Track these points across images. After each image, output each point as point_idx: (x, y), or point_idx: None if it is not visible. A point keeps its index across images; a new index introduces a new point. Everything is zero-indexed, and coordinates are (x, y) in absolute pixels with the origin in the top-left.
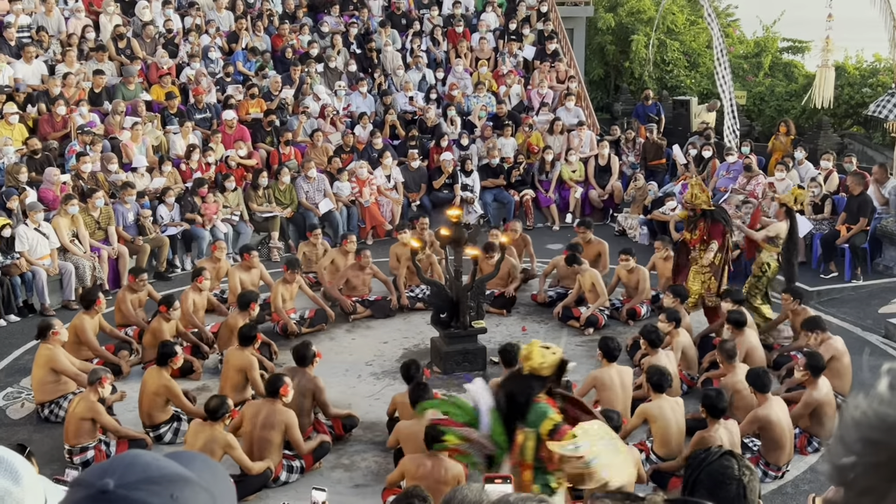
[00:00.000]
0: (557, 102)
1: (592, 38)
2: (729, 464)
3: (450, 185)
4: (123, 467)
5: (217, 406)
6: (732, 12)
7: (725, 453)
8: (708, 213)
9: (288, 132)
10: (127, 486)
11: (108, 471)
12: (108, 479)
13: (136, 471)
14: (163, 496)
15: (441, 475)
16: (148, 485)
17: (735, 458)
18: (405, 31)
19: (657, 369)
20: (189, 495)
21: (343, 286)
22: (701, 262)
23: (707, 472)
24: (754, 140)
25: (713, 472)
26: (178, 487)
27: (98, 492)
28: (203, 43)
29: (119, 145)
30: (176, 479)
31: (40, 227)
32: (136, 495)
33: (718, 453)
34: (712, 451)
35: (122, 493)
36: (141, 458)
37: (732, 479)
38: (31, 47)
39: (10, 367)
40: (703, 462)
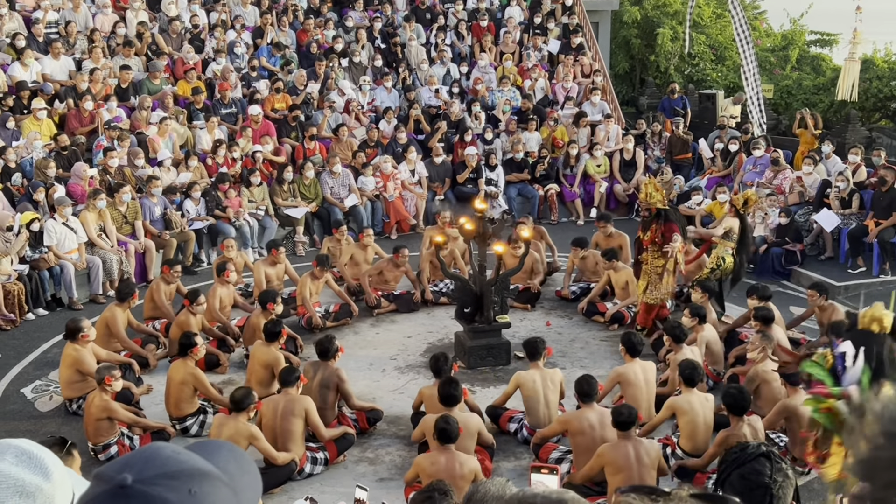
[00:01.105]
0: (582, 96)
1: (618, 32)
2: (761, 468)
3: (474, 179)
4: (142, 462)
5: (242, 397)
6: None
7: (761, 455)
8: (662, 213)
9: (313, 127)
10: (145, 480)
11: (128, 465)
12: (127, 474)
13: (154, 465)
14: (181, 491)
15: (456, 469)
16: (166, 479)
17: (770, 462)
18: (429, 25)
19: (689, 363)
20: (208, 490)
21: (374, 277)
22: (653, 262)
23: (738, 474)
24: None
25: (744, 474)
26: (197, 482)
27: (117, 486)
28: (229, 38)
29: (146, 140)
30: (194, 474)
31: (68, 222)
32: (154, 490)
33: (754, 454)
34: (749, 450)
35: (140, 489)
36: (161, 452)
37: (760, 485)
38: (58, 43)
39: (38, 360)
40: (737, 461)
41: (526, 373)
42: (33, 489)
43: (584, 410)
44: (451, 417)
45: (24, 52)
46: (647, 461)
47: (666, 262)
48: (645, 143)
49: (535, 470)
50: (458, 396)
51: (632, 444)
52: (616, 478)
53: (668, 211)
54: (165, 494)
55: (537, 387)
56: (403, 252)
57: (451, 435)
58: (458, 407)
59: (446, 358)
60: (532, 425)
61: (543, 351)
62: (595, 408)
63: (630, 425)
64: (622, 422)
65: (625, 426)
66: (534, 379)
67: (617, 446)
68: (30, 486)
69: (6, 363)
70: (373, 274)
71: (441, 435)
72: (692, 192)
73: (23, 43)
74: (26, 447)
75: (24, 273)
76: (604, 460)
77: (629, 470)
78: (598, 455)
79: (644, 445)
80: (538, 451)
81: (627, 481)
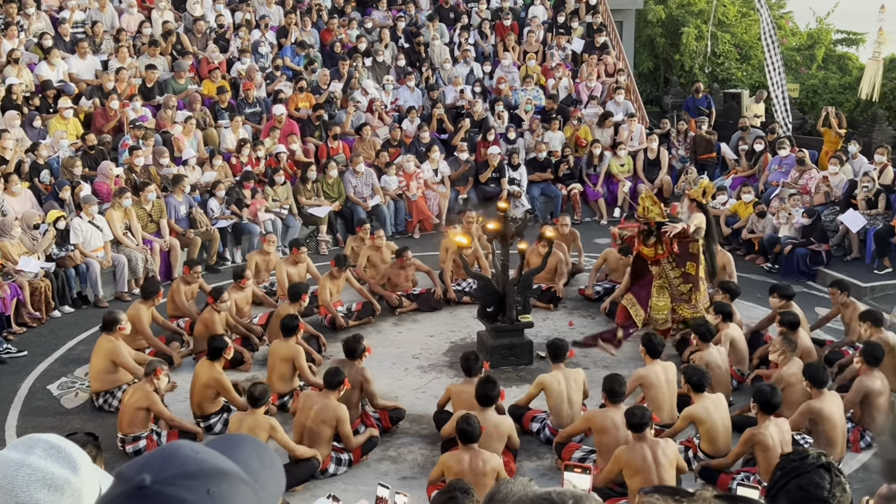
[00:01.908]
0: (606, 96)
1: (642, 31)
2: (820, 480)
3: (497, 179)
4: (161, 462)
5: (261, 394)
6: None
7: (821, 466)
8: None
9: (336, 126)
10: (163, 481)
11: (147, 465)
12: (146, 475)
13: (173, 465)
14: (199, 491)
15: (480, 468)
16: (184, 480)
17: (830, 474)
18: (453, 24)
19: (695, 369)
20: (227, 489)
21: (385, 282)
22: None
23: (796, 485)
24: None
25: (802, 486)
26: (216, 482)
27: (135, 487)
28: (253, 38)
29: (171, 139)
30: (213, 473)
31: (94, 220)
32: (172, 491)
33: (814, 464)
34: (808, 460)
35: (158, 489)
36: (180, 451)
37: (819, 498)
38: (85, 43)
39: (64, 357)
40: (796, 470)
41: (550, 375)
42: (62, 482)
43: (609, 409)
44: (472, 417)
45: (51, 51)
46: (664, 461)
47: (687, 268)
48: (669, 143)
49: (567, 469)
50: (494, 397)
51: (648, 445)
52: (634, 479)
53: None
54: (183, 495)
55: (561, 388)
56: (407, 255)
57: (473, 435)
58: (493, 408)
59: (477, 356)
60: (556, 425)
61: (566, 353)
62: (620, 407)
63: (643, 427)
64: (635, 423)
65: (638, 428)
66: (558, 380)
67: (633, 448)
68: (58, 479)
69: (32, 360)
70: (382, 280)
71: (462, 435)
72: (717, 192)
73: (50, 42)
74: (55, 441)
75: (51, 271)
76: (621, 462)
77: (647, 471)
78: (615, 458)
79: (661, 446)
80: (561, 450)
81: (646, 482)
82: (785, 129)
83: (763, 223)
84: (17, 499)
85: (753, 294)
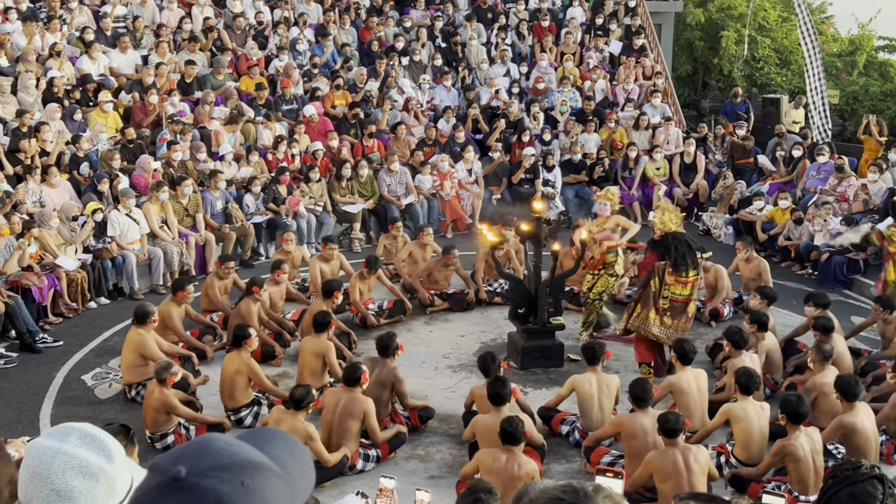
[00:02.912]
0: (643, 98)
1: (681, 34)
2: (873, 490)
3: (531, 180)
4: (196, 454)
5: (302, 396)
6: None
7: (874, 477)
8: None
9: (372, 125)
10: (198, 473)
11: (182, 457)
12: (181, 467)
13: (207, 457)
14: (233, 483)
15: (515, 471)
16: (219, 472)
17: (883, 485)
18: (490, 25)
19: (746, 370)
20: (260, 482)
21: (425, 278)
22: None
23: (848, 493)
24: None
25: (854, 494)
26: (249, 474)
27: (171, 479)
28: (291, 35)
29: (208, 134)
30: (247, 466)
31: (131, 213)
32: (207, 483)
33: (867, 475)
34: (862, 470)
35: (194, 481)
36: (213, 443)
37: None
38: (126, 38)
39: (99, 347)
40: (849, 480)
41: (582, 376)
42: (96, 470)
43: (638, 414)
44: (516, 420)
45: (93, 45)
46: (696, 468)
47: (692, 292)
48: (706, 147)
49: (600, 473)
50: (505, 396)
51: (680, 451)
52: (665, 485)
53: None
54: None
55: (593, 390)
56: (454, 252)
57: (516, 437)
58: (506, 406)
59: (493, 357)
60: (585, 428)
61: (602, 356)
62: (650, 412)
63: (677, 433)
64: (669, 429)
65: (672, 433)
66: (590, 382)
67: (665, 453)
68: (93, 466)
69: (68, 350)
70: (422, 275)
71: (505, 436)
72: (754, 198)
73: (91, 36)
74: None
75: (88, 262)
76: (651, 468)
77: (678, 477)
78: (646, 462)
79: (693, 452)
80: (590, 453)
81: (677, 489)
82: (823, 135)
83: (800, 230)
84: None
85: (788, 301)
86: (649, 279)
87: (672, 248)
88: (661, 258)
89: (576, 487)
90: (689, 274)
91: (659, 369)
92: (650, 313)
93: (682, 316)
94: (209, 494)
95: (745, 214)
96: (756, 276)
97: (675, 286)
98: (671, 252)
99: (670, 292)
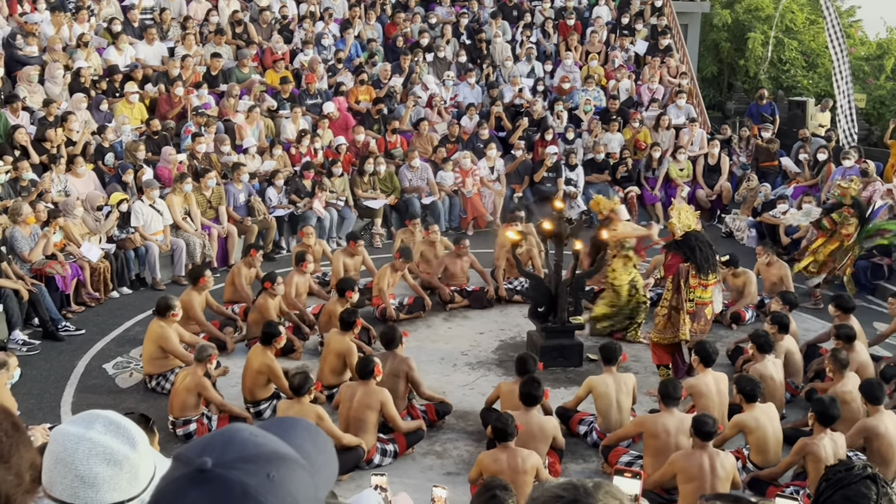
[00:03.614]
0: (668, 99)
1: (707, 35)
2: (867, 491)
3: (553, 178)
4: (222, 445)
5: (301, 382)
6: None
7: (867, 477)
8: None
9: (395, 120)
10: (224, 464)
11: (207, 448)
12: (207, 458)
13: (233, 449)
14: (259, 475)
15: (519, 465)
16: (245, 463)
17: (876, 485)
18: (516, 22)
19: (748, 379)
20: (285, 474)
21: (442, 274)
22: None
23: (842, 496)
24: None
25: (848, 496)
26: (275, 466)
27: (196, 470)
28: (317, 29)
29: (232, 127)
30: (272, 458)
31: (155, 204)
32: (233, 475)
33: (860, 475)
34: (854, 471)
35: (220, 473)
36: (239, 434)
37: None
38: (153, 29)
39: (120, 337)
40: (841, 482)
41: (599, 377)
42: (121, 457)
43: (662, 414)
44: (506, 417)
45: (120, 36)
46: (721, 473)
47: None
48: (730, 149)
49: (617, 473)
50: (538, 397)
51: (707, 454)
52: (688, 487)
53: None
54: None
55: (610, 391)
56: (465, 242)
57: (508, 434)
58: (536, 408)
59: (535, 359)
60: (604, 429)
61: (619, 357)
62: (675, 413)
63: (712, 436)
64: (706, 432)
65: (708, 437)
66: (607, 383)
67: (691, 455)
68: (118, 454)
69: (90, 339)
70: (439, 272)
71: (497, 434)
72: (778, 201)
73: (119, 28)
74: (114, 418)
75: (111, 252)
76: (675, 468)
77: (702, 480)
78: (671, 462)
79: (721, 457)
80: (608, 453)
81: (699, 491)
82: (850, 139)
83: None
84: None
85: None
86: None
87: (696, 249)
88: (685, 259)
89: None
90: (711, 277)
91: (678, 370)
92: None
93: (702, 319)
94: (235, 486)
95: (768, 217)
96: (777, 281)
97: (698, 289)
98: (696, 253)
99: (696, 296)
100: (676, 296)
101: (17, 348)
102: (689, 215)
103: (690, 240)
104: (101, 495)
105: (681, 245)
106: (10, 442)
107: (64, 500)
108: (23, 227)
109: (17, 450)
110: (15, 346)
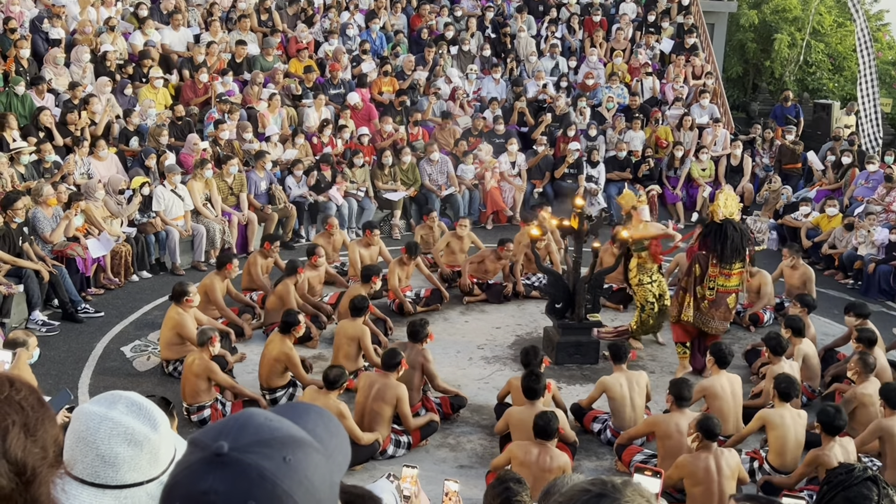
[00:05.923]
0: (692, 98)
1: (733, 35)
2: (868, 493)
3: (574, 175)
4: (238, 429)
5: (337, 376)
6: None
7: (868, 479)
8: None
9: (418, 113)
10: (240, 448)
11: (223, 432)
12: (223, 442)
13: (249, 432)
14: (275, 459)
15: (546, 464)
16: (261, 447)
17: (877, 486)
18: (541, 17)
19: (786, 377)
20: (301, 457)
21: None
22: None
23: (844, 497)
24: None
25: (850, 498)
26: (291, 450)
27: (212, 454)
28: (342, 20)
29: (255, 115)
30: (288, 441)
31: (176, 189)
32: (250, 458)
33: (861, 477)
34: (855, 473)
35: (236, 456)
36: (254, 418)
37: None
38: (178, 15)
39: (139, 320)
40: (843, 484)
41: (612, 377)
42: (142, 438)
43: (674, 414)
44: (549, 414)
45: (146, 21)
46: (726, 471)
47: (739, 282)
48: (753, 150)
49: (638, 471)
50: (539, 390)
51: (713, 455)
52: (695, 489)
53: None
54: (261, 462)
55: (623, 390)
56: (508, 246)
57: (548, 432)
58: (541, 401)
59: (536, 352)
60: (617, 427)
61: (628, 354)
62: (686, 413)
63: (716, 437)
64: (714, 433)
65: (714, 437)
66: (620, 382)
67: (697, 457)
68: (139, 434)
69: (108, 321)
70: (474, 261)
71: (537, 430)
72: (800, 204)
73: (145, 13)
74: (137, 399)
75: (132, 236)
76: (683, 471)
77: (709, 482)
78: (678, 465)
79: (725, 456)
80: (622, 452)
81: (707, 493)
82: (874, 143)
83: (846, 238)
84: (98, 451)
85: (830, 311)
86: (692, 265)
87: (727, 237)
88: (711, 246)
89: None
90: (735, 266)
91: (695, 356)
92: (686, 297)
93: (723, 306)
94: (251, 470)
95: (790, 220)
96: (801, 284)
97: (720, 278)
98: (725, 241)
99: (717, 284)
100: (686, 278)
101: (36, 328)
102: (734, 203)
103: (727, 228)
104: (122, 475)
105: (716, 232)
106: (37, 416)
107: (84, 478)
108: (45, 209)
109: (42, 424)
110: (34, 326)
